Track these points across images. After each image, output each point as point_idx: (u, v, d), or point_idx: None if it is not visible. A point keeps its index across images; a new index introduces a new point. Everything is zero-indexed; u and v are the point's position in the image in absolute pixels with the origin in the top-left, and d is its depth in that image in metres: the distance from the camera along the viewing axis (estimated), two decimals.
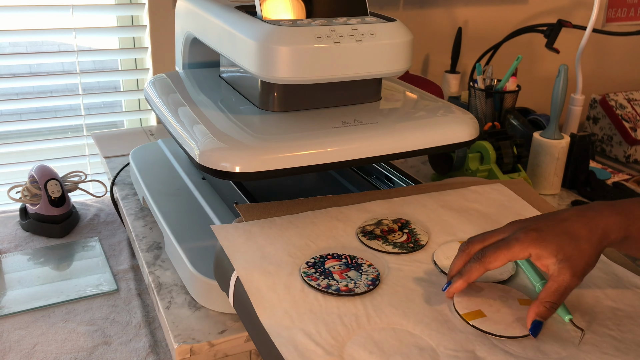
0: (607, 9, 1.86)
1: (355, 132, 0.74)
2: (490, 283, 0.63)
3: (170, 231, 0.81)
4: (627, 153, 1.68)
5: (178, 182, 0.96)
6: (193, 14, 0.90)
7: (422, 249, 0.69)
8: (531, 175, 1.10)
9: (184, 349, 0.67)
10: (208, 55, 0.98)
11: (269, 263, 0.64)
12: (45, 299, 0.88)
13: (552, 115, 1.07)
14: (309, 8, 0.76)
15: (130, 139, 1.25)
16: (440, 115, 0.82)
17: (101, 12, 1.31)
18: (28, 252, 1.00)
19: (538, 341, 0.55)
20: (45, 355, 0.78)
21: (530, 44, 1.74)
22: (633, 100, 1.75)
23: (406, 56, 0.77)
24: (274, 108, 0.79)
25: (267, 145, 0.70)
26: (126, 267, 0.96)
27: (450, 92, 1.58)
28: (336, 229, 0.71)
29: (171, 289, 0.77)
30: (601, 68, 1.97)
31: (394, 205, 0.78)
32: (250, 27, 0.73)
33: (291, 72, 0.71)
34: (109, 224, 1.10)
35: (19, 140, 1.33)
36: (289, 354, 0.52)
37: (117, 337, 0.82)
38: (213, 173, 0.68)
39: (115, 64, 1.41)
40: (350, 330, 0.55)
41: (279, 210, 0.74)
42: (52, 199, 1.04)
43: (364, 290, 0.60)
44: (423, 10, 1.60)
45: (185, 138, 0.74)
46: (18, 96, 1.34)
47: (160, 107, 0.85)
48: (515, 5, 1.72)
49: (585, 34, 1.30)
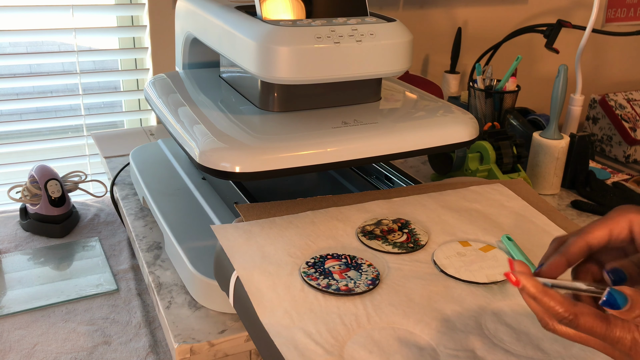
0: (607, 9, 1.86)
1: (355, 132, 0.74)
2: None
3: (170, 231, 0.81)
4: (627, 153, 1.68)
5: (178, 182, 0.96)
6: (193, 14, 0.90)
7: (421, 248, 0.69)
8: (531, 175, 1.10)
9: (184, 349, 0.67)
10: (208, 55, 0.99)
11: (269, 263, 0.64)
12: (45, 299, 0.88)
13: (551, 115, 1.07)
14: (309, 8, 0.76)
15: (130, 139, 1.25)
16: (440, 115, 0.82)
17: (101, 12, 1.31)
18: (28, 252, 1.00)
19: (538, 340, 0.55)
20: (45, 355, 0.78)
21: (530, 44, 1.74)
22: (633, 100, 1.76)
23: (406, 56, 0.77)
24: (274, 108, 0.79)
25: (267, 145, 0.70)
26: (126, 267, 0.96)
27: (450, 92, 1.58)
28: (336, 229, 0.71)
29: (171, 289, 0.77)
30: (601, 68, 1.97)
31: (393, 205, 0.78)
32: (250, 27, 0.73)
33: (291, 72, 0.71)
34: (109, 224, 1.10)
35: (19, 140, 1.33)
36: (289, 353, 0.52)
37: (117, 337, 0.82)
38: (213, 173, 0.68)
39: (115, 64, 1.41)
40: (350, 330, 0.55)
41: (279, 210, 0.74)
42: (52, 199, 1.04)
43: (364, 290, 0.61)
44: (423, 11, 1.60)
45: (185, 138, 0.74)
46: (18, 96, 1.34)
47: (160, 107, 0.85)
48: (515, 5, 1.72)
49: (585, 34, 1.30)
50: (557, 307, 0.43)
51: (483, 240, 0.72)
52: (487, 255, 0.68)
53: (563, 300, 0.44)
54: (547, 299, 0.44)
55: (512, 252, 0.68)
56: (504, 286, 0.63)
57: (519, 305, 0.60)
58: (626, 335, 0.42)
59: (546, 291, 0.44)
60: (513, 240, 0.70)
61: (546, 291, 0.44)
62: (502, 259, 0.67)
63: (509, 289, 0.63)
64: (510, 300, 0.61)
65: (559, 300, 0.44)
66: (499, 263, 0.67)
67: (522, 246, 0.70)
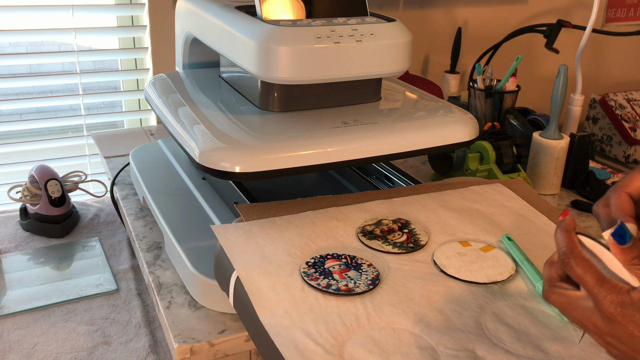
0: (607, 9, 1.86)
1: (355, 132, 0.74)
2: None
3: (170, 231, 0.81)
4: (627, 153, 1.68)
5: (178, 182, 0.96)
6: (193, 14, 0.90)
7: (421, 248, 0.69)
8: (531, 176, 1.10)
9: (184, 349, 0.67)
10: (208, 55, 0.99)
11: (269, 263, 0.64)
12: (45, 299, 0.88)
13: (551, 115, 1.07)
14: (308, 8, 0.76)
15: (130, 139, 1.25)
16: (440, 115, 0.82)
17: (101, 12, 1.31)
18: (28, 252, 1.00)
19: (538, 340, 0.55)
20: (45, 355, 0.78)
21: (530, 44, 1.74)
22: (632, 100, 1.76)
23: (406, 56, 0.77)
24: (274, 108, 0.79)
25: (267, 145, 0.70)
26: (126, 267, 0.96)
27: (450, 92, 1.58)
28: (336, 229, 0.71)
29: (171, 289, 0.77)
30: (601, 68, 1.97)
31: (393, 205, 0.78)
32: (250, 27, 0.73)
33: (291, 72, 0.71)
34: (109, 224, 1.10)
35: (19, 140, 1.33)
36: (289, 353, 0.52)
37: (117, 337, 0.82)
38: (213, 173, 0.68)
39: (115, 64, 1.41)
40: (350, 330, 0.55)
41: (279, 210, 0.74)
42: (52, 199, 1.04)
43: (364, 290, 0.61)
44: (423, 11, 1.60)
45: (185, 138, 0.74)
46: (18, 96, 1.34)
47: (160, 107, 0.85)
48: (515, 6, 1.72)
49: (585, 34, 1.30)
50: (562, 244, 0.47)
51: (483, 240, 0.72)
52: (487, 255, 0.68)
53: (571, 241, 0.46)
54: (565, 236, 0.47)
55: (512, 252, 0.68)
56: (504, 286, 0.63)
57: (519, 305, 0.60)
58: (612, 295, 0.43)
59: (570, 236, 0.47)
60: (513, 240, 0.70)
61: (570, 236, 0.47)
62: (502, 259, 0.67)
63: (509, 289, 0.63)
64: (510, 300, 0.61)
65: (570, 239, 0.47)
66: (499, 263, 0.67)
67: (522, 246, 0.70)
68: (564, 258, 0.46)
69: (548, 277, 0.49)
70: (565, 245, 0.46)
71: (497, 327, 0.57)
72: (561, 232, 0.47)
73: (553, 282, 0.48)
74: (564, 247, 0.46)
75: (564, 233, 0.47)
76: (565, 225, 0.48)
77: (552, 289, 0.48)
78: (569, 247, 0.46)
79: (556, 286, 0.48)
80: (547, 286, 0.48)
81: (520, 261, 0.67)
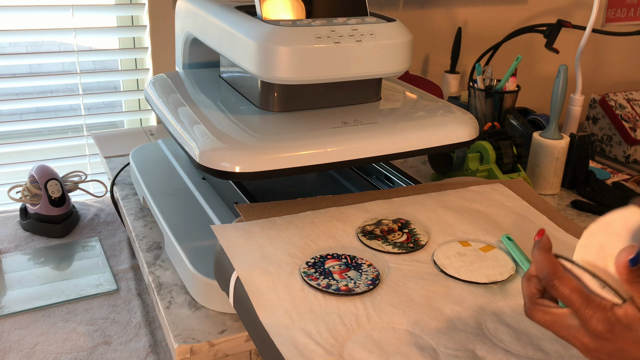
0: (607, 9, 1.86)
1: (355, 132, 0.74)
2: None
3: (170, 231, 0.81)
4: (627, 153, 1.68)
5: (178, 182, 0.96)
6: (193, 14, 0.90)
7: (422, 248, 0.69)
8: (531, 176, 1.10)
9: (184, 349, 0.67)
10: (208, 55, 0.99)
11: (269, 263, 0.64)
12: (45, 299, 0.88)
13: (551, 115, 1.07)
14: (309, 8, 0.76)
15: (130, 139, 1.25)
16: (440, 115, 0.82)
17: (101, 12, 1.31)
18: (28, 252, 1.00)
19: (538, 340, 0.55)
20: (45, 355, 0.78)
21: (530, 44, 1.74)
22: (632, 100, 1.76)
23: (406, 56, 0.77)
24: (274, 108, 0.79)
25: (267, 145, 0.70)
26: (126, 267, 0.96)
27: (450, 92, 1.58)
28: (336, 229, 0.71)
29: (171, 289, 0.77)
30: (601, 68, 1.97)
31: (393, 205, 0.78)
32: (250, 27, 0.73)
33: (291, 72, 0.71)
34: (109, 224, 1.10)
35: (19, 140, 1.33)
36: (289, 353, 0.52)
37: (117, 337, 0.82)
38: (213, 173, 0.68)
39: (115, 64, 1.41)
40: (350, 330, 0.55)
41: (279, 210, 0.74)
42: (52, 199, 1.04)
43: (364, 290, 0.61)
44: (423, 11, 1.60)
45: (185, 138, 0.74)
46: (18, 96, 1.34)
47: (160, 107, 0.85)
48: (515, 5, 1.72)
49: (585, 34, 1.30)
50: (542, 265, 0.47)
51: (483, 240, 0.72)
52: (487, 255, 0.68)
53: (552, 261, 0.47)
54: (545, 257, 0.47)
55: (512, 252, 0.68)
56: (504, 286, 0.63)
57: (519, 305, 0.60)
58: (599, 314, 0.43)
59: (550, 256, 0.47)
60: (513, 240, 0.70)
61: (550, 256, 0.47)
62: (502, 259, 0.67)
63: (509, 289, 0.63)
64: (510, 300, 0.61)
65: (550, 260, 0.47)
66: (499, 263, 0.67)
67: (522, 246, 0.70)
68: (548, 280, 0.46)
69: (528, 294, 0.49)
70: (546, 266, 0.47)
71: (497, 327, 0.57)
72: (539, 252, 0.48)
73: (534, 298, 0.48)
74: (546, 268, 0.47)
75: (543, 253, 0.47)
76: (542, 246, 0.48)
77: (535, 307, 0.48)
78: (551, 268, 0.46)
79: (538, 304, 0.48)
80: (529, 304, 0.48)
81: (520, 261, 0.67)
